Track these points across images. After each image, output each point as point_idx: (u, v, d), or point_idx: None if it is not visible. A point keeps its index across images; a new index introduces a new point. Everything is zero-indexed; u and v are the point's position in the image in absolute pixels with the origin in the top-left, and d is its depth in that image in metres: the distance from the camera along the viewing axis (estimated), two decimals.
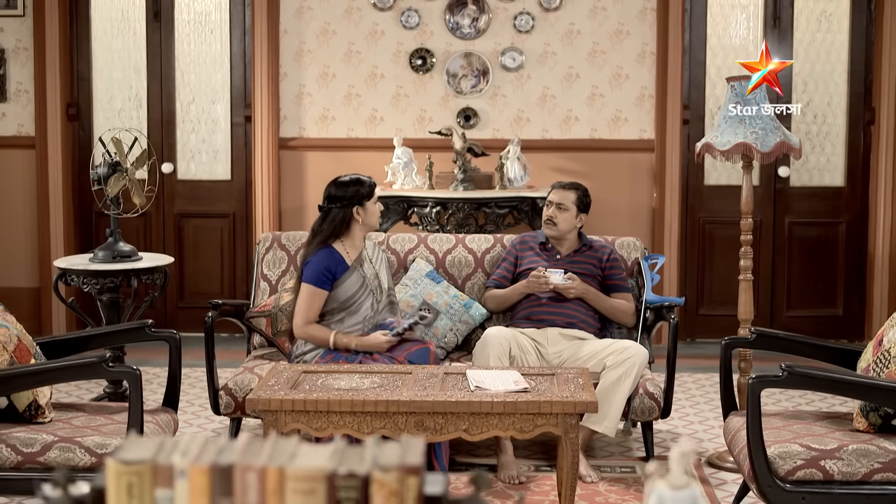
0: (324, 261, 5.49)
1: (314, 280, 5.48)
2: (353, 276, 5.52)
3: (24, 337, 4.80)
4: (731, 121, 5.57)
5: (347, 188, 5.61)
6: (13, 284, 8.32)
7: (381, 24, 8.28)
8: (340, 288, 5.50)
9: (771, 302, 8.44)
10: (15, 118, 8.42)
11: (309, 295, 5.49)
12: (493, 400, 4.58)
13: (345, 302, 5.51)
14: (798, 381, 4.58)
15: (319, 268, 5.49)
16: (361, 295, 5.52)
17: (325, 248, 5.53)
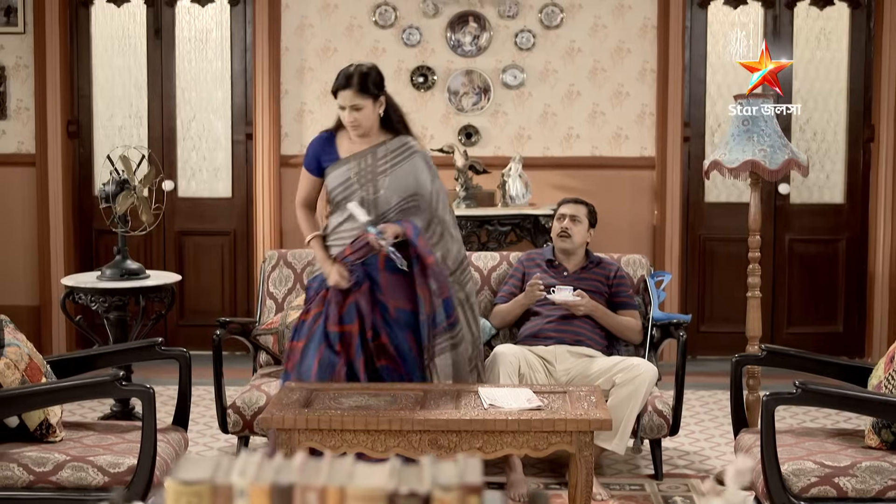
0: (313, 145, 5.34)
1: (304, 161, 5.38)
2: (340, 170, 5.22)
3: (35, 355, 4.79)
4: (739, 138, 5.58)
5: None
6: (13, 303, 8.28)
7: (383, 42, 8.30)
8: (329, 178, 5.26)
9: (771, 319, 8.44)
10: (15, 135, 8.41)
11: (302, 176, 5.40)
12: (507, 418, 4.57)
13: (330, 196, 5.31)
14: (812, 398, 4.59)
15: (308, 151, 5.37)
16: (342, 193, 5.21)
17: (323, 133, 5.37)
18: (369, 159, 5.19)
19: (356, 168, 5.19)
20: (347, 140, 5.23)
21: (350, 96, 5.07)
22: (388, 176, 5.18)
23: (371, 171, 5.19)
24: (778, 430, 4.57)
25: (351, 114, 5.09)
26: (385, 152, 5.21)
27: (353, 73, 5.10)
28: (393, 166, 5.20)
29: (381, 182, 5.18)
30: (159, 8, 8.46)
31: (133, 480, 4.40)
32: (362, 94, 5.08)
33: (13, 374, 4.57)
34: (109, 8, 8.49)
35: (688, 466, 5.93)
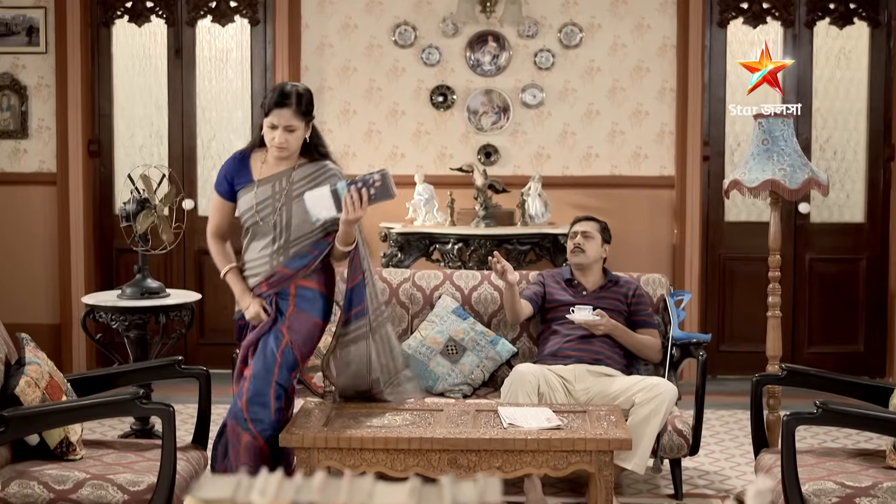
0: (226, 166, 5.01)
1: (215, 184, 5.05)
2: (252, 192, 4.88)
3: (56, 374, 4.81)
4: (759, 157, 5.57)
5: (268, 92, 5.13)
6: (34, 321, 8.31)
7: (402, 62, 8.32)
8: (240, 202, 4.94)
9: (792, 338, 8.41)
10: (37, 155, 8.45)
11: (212, 202, 5.09)
12: (526, 437, 4.57)
13: (240, 222, 4.99)
14: (833, 418, 4.57)
15: (220, 173, 5.03)
16: (251, 218, 4.89)
17: (237, 154, 5.03)
18: (284, 182, 4.86)
19: (269, 191, 4.86)
20: (261, 162, 4.92)
21: (288, 116, 4.77)
22: (302, 200, 4.81)
23: (286, 195, 4.85)
24: (799, 450, 4.55)
25: (283, 135, 4.77)
26: (301, 175, 4.88)
27: (291, 92, 4.81)
28: (309, 190, 4.83)
29: (295, 207, 4.84)
30: (180, 28, 8.50)
31: (152, 499, 4.41)
32: (299, 115, 4.79)
33: (34, 391, 4.58)
34: (130, 28, 8.53)
35: (708, 486, 5.91)
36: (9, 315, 8.02)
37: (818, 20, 8.34)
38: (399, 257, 7.70)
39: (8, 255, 8.47)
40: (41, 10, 8.35)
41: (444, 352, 6.02)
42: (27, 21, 8.36)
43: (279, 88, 4.83)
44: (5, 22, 8.37)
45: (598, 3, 8.25)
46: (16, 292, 8.45)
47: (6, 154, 8.45)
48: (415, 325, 6.24)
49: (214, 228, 5.04)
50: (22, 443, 4.63)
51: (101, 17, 8.50)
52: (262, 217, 4.85)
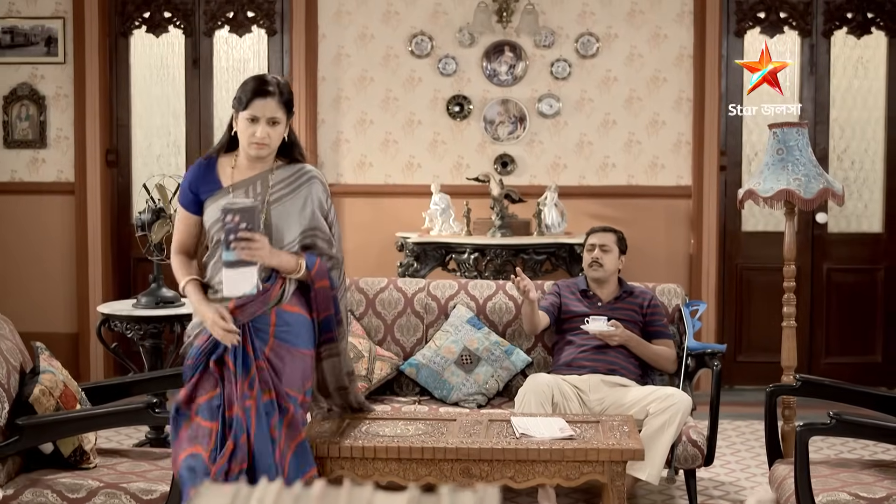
0: (189, 174, 4.45)
1: (179, 196, 4.53)
2: (221, 201, 4.29)
3: (70, 382, 4.82)
4: (774, 167, 5.56)
5: (240, 85, 4.40)
6: (52, 330, 8.35)
7: (419, 71, 8.33)
8: (207, 211, 4.38)
9: (809, 349, 8.39)
10: (55, 164, 8.49)
11: (177, 217, 4.55)
12: (539, 447, 4.56)
13: (207, 236, 4.44)
14: (846, 428, 4.56)
15: (183, 183, 4.49)
16: (222, 230, 4.19)
17: (201, 160, 4.47)
18: (258, 187, 4.34)
19: (243, 197, 4.32)
20: (230, 167, 4.36)
21: (273, 107, 4.22)
22: (281, 205, 4.33)
23: (261, 201, 4.31)
24: (813, 460, 4.53)
25: (265, 128, 4.22)
26: (279, 178, 4.36)
27: (273, 81, 4.31)
28: (288, 194, 4.35)
29: (274, 213, 4.33)
30: (197, 38, 8.53)
31: None
32: (283, 106, 4.27)
33: (48, 400, 4.60)
34: (148, 38, 8.57)
35: (723, 497, 5.89)
36: (27, 324, 8.08)
37: (835, 30, 8.33)
38: (415, 267, 7.70)
39: (26, 264, 8.51)
40: (60, 20, 8.39)
41: (459, 361, 6.01)
42: (46, 31, 8.41)
43: (257, 78, 4.32)
44: (24, 32, 8.42)
45: (614, 12, 8.25)
46: (34, 301, 8.48)
47: (25, 163, 8.49)
48: (429, 334, 6.24)
49: (178, 245, 4.49)
50: (36, 451, 4.65)
51: (120, 27, 8.54)
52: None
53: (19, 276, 8.52)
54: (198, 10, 8.52)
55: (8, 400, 4.54)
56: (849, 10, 8.31)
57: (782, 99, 7.55)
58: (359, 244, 8.27)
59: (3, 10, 8.43)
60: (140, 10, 8.53)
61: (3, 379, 4.55)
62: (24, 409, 4.55)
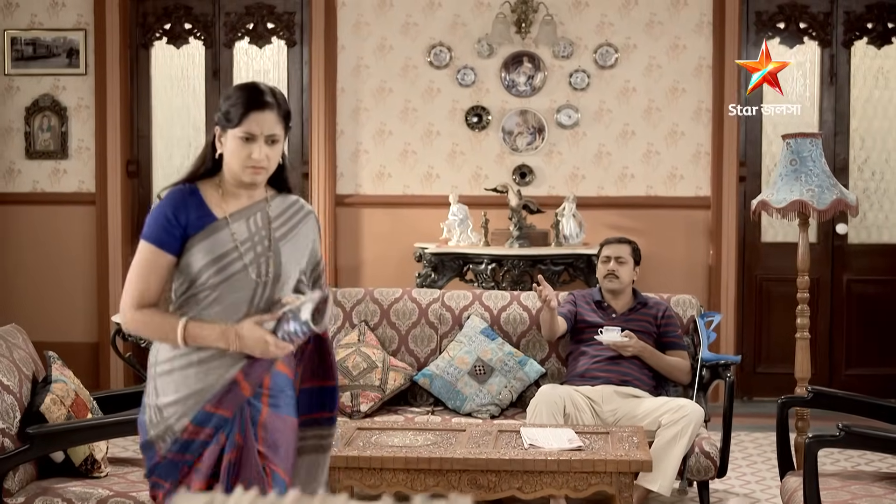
0: (169, 204, 3.47)
1: (152, 233, 3.45)
2: (218, 236, 3.43)
3: (82, 392, 4.85)
4: (788, 178, 5.54)
5: (225, 96, 3.54)
6: (73, 339, 8.41)
7: (438, 82, 8.34)
8: (195, 250, 3.42)
9: (829, 360, 8.35)
10: (76, 175, 8.55)
11: (144, 259, 3.46)
12: (546, 458, 4.56)
13: (192, 283, 3.44)
14: (855, 440, 4.53)
15: (159, 215, 3.46)
16: (217, 275, 3.41)
17: (182, 186, 3.52)
18: (259, 220, 3.52)
19: (245, 232, 3.48)
20: (217, 195, 3.49)
21: (272, 121, 3.44)
22: (287, 243, 3.54)
23: (266, 237, 3.52)
24: (825, 472, 4.52)
25: (263, 149, 3.41)
26: (276, 211, 3.57)
27: (267, 90, 3.51)
28: (290, 231, 3.57)
29: (282, 252, 3.53)
30: (217, 49, 8.58)
31: None
32: (282, 120, 3.49)
33: (59, 409, 4.63)
34: (169, 49, 8.63)
35: None
36: (48, 333, 8.15)
37: (856, 40, 8.30)
38: (433, 277, 7.71)
39: (47, 274, 8.57)
40: (81, 32, 8.46)
41: (472, 372, 6.02)
42: (68, 43, 8.47)
43: (249, 87, 3.51)
44: (46, 44, 8.49)
45: (633, 23, 8.24)
46: (55, 311, 8.54)
47: (46, 174, 8.55)
48: (443, 345, 6.25)
49: (143, 297, 3.45)
50: (48, 460, 4.68)
51: (140, 38, 8.60)
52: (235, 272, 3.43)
53: (41, 285, 8.57)
54: (218, 22, 8.57)
55: (20, 409, 4.58)
56: (869, 20, 8.28)
57: (785, 99, 7.55)
58: (377, 255, 8.29)
59: (26, 22, 8.50)
60: (161, 21, 8.59)
61: (15, 388, 4.58)
62: (35, 419, 4.58)
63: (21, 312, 8.40)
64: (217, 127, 3.50)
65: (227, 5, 8.57)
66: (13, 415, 4.52)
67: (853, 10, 8.28)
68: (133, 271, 3.50)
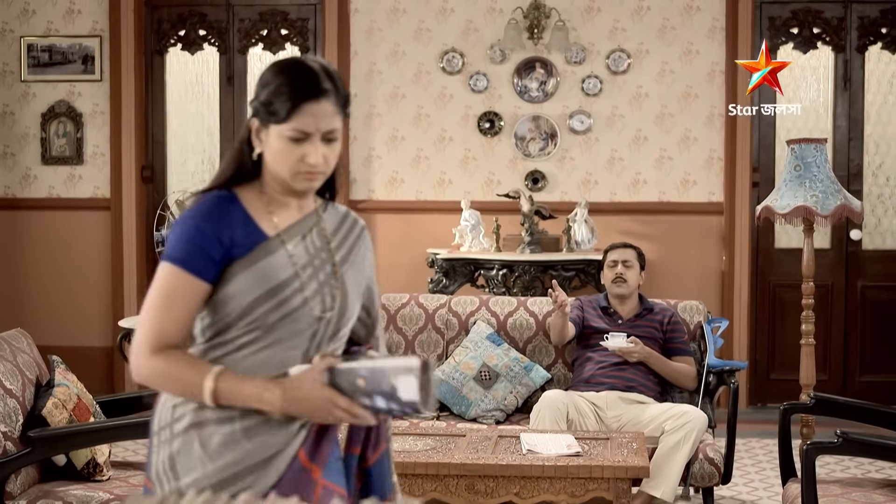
0: (205, 216, 2.66)
1: (182, 254, 2.63)
2: (273, 259, 2.67)
3: (84, 396, 4.88)
4: (792, 184, 5.53)
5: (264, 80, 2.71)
6: (88, 344, 8.47)
7: (450, 88, 8.36)
8: (241, 279, 2.64)
9: (843, 367, 8.31)
10: (91, 180, 8.60)
11: (170, 287, 2.63)
12: (543, 464, 4.56)
13: (251, 311, 2.64)
14: (853, 447, 4.52)
15: (194, 227, 2.65)
16: (275, 311, 2.64)
17: (219, 193, 2.73)
18: (316, 239, 2.78)
19: (304, 255, 2.74)
20: (261, 205, 2.74)
21: (329, 113, 2.65)
22: (348, 267, 2.81)
23: (328, 260, 2.78)
24: (827, 479, 4.50)
25: (320, 149, 2.66)
26: (331, 227, 2.83)
27: (322, 71, 2.67)
28: (350, 251, 2.84)
29: (346, 278, 2.79)
30: (232, 56, 8.63)
31: None
32: (340, 110, 2.70)
33: (61, 413, 4.66)
34: (184, 56, 8.69)
35: None
36: (63, 338, 8.22)
37: (870, 45, 8.26)
38: (444, 283, 7.72)
39: (63, 279, 8.63)
40: (97, 38, 8.52)
41: (478, 377, 6.02)
42: (83, 50, 8.53)
43: (300, 69, 2.67)
44: (62, 51, 8.55)
45: (646, 29, 8.24)
46: (70, 315, 8.60)
47: (62, 180, 8.61)
48: (449, 350, 6.25)
49: (160, 338, 2.61)
50: (50, 463, 4.71)
51: (155, 45, 8.66)
52: (296, 307, 2.67)
53: (56, 290, 8.63)
54: (232, 28, 8.62)
55: (23, 412, 4.61)
56: (883, 25, 8.24)
57: (786, 99, 7.54)
58: (390, 260, 8.30)
59: (42, 28, 8.57)
60: (175, 28, 8.65)
61: (18, 392, 4.62)
62: (37, 422, 4.62)
63: (36, 317, 8.48)
64: (254, 119, 2.70)
65: (241, 12, 8.61)
66: (16, 418, 4.55)
67: (867, 14, 8.24)
68: (152, 303, 2.63)
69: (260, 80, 2.71)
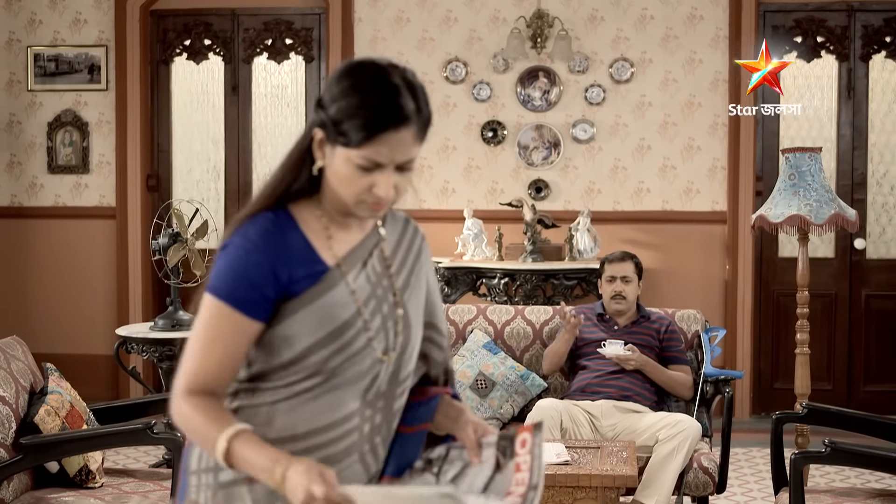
0: (262, 242, 2.35)
1: (231, 289, 2.31)
2: (335, 294, 2.36)
3: (78, 403, 4.91)
4: (786, 193, 5.54)
5: (334, 94, 2.36)
6: (92, 352, 8.50)
7: (454, 97, 8.38)
8: (299, 318, 2.33)
9: (848, 376, 8.29)
10: (97, 189, 8.65)
11: (217, 326, 2.32)
12: None
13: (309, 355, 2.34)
14: (842, 457, 4.51)
15: (245, 259, 2.33)
16: (339, 355, 2.35)
17: (270, 216, 2.39)
18: (377, 262, 2.47)
19: (367, 287, 2.42)
20: (319, 227, 2.41)
21: (409, 142, 2.33)
22: (413, 293, 2.51)
23: (389, 289, 2.46)
24: (818, 489, 4.51)
25: (391, 179, 2.32)
26: (391, 246, 2.51)
27: (406, 92, 2.36)
28: (412, 272, 2.52)
29: (409, 307, 2.48)
30: (236, 65, 8.67)
31: None
32: (423, 136, 2.37)
33: (53, 420, 4.69)
34: (189, 65, 8.73)
35: None
36: (67, 345, 8.27)
37: (874, 54, 8.25)
38: (446, 291, 7.73)
39: (68, 287, 8.68)
40: (103, 48, 8.57)
41: (474, 386, 6.03)
42: (89, 59, 8.59)
43: (383, 89, 2.33)
44: (68, 60, 8.61)
45: (648, 38, 8.24)
46: (75, 323, 8.64)
47: (68, 188, 8.66)
48: None
49: (199, 379, 2.32)
50: (43, 470, 4.73)
51: (161, 55, 8.71)
52: (358, 350, 2.37)
53: (62, 298, 8.68)
54: (237, 38, 8.66)
55: (16, 420, 4.64)
56: (887, 34, 8.23)
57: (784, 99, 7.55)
58: None
59: (49, 38, 8.63)
60: (181, 37, 8.70)
61: (11, 399, 4.64)
62: (31, 429, 4.64)
63: (41, 324, 8.53)
64: (318, 130, 2.36)
65: (245, 21, 8.66)
66: (8, 425, 4.57)
67: (871, 23, 8.23)
68: (194, 340, 2.33)
69: (329, 89, 2.34)
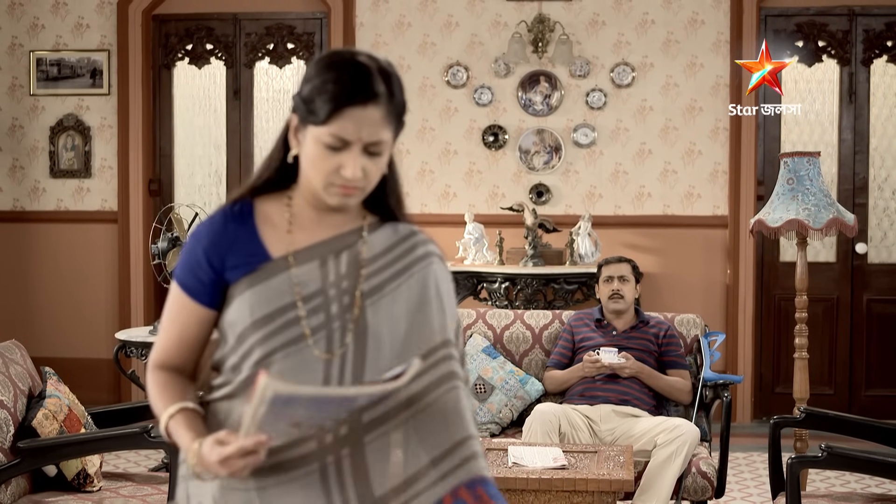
0: (203, 233, 2.43)
1: (180, 272, 2.44)
2: (270, 284, 2.36)
3: (76, 407, 4.91)
4: (784, 197, 5.54)
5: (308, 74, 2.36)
6: (94, 356, 8.51)
7: (455, 101, 8.38)
8: (238, 303, 2.36)
9: (849, 381, 8.28)
10: (99, 193, 8.67)
11: (173, 305, 2.45)
12: (528, 476, 4.57)
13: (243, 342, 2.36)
14: (838, 461, 4.51)
15: (191, 247, 2.43)
16: (264, 342, 2.33)
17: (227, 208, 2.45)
18: (343, 265, 2.41)
19: (317, 281, 2.39)
20: (283, 219, 2.43)
21: (376, 121, 2.30)
22: (384, 299, 2.39)
23: (347, 289, 2.39)
24: (816, 493, 4.50)
25: (359, 160, 2.31)
26: (376, 249, 2.44)
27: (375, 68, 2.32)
28: (392, 279, 2.42)
29: (371, 313, 2.38)
30: (238, 70, 8.69)
31: None
32: (392, 118, 2.35)
33: (51, 424, 4.69)
34: (191, 70, 8.75)
35: None
36: (69, 349, 8.29)
37: (875, 58, 8.25)
38: None
39: (70, 291, 8.69)
40: (105, 53, 8.59)
41: (473, 390, 6.03)
42: (91, 64, 8.61)
43: (349, 64, 2.31)
44: (70, 65, 8.63)
45: (650, 42, 8.25)
46: (77, 327, 8.66)
47: (70, 193, 8.68)
48: None
49: (161, 354, 2.46)
50: (41, 474, 4.74)
51: (163, 59, 8.73)
52: (289, 340, 2.34)
53: (63, 302, 8.70)
54: (239, 43, 8.68)
55: (13, 423, 4.64)
56: (889, 38, 8.22)
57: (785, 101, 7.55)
58: None
59: (51, 43, 8.65)
60: (183, 42, 8.72)
61: (9, 403, 4.65)
62: (29, 433, 4.65)
63: (43, 328, 8.55)
64: (293, 116, 2.37)
65: (247, 26, 8.68)
66: (6, 429, 4.58)
67: (872, 27, 8.23)
68: (163, 320, 2.48)
69: (305, 73, 2.35)
